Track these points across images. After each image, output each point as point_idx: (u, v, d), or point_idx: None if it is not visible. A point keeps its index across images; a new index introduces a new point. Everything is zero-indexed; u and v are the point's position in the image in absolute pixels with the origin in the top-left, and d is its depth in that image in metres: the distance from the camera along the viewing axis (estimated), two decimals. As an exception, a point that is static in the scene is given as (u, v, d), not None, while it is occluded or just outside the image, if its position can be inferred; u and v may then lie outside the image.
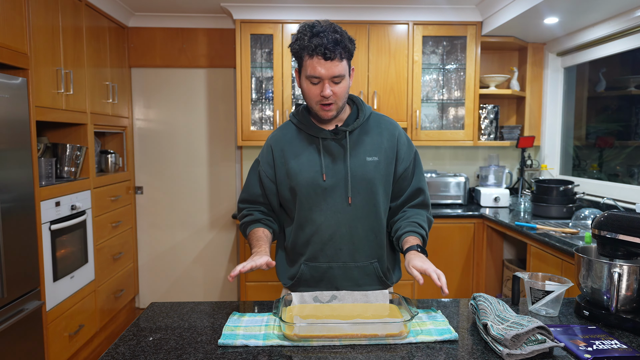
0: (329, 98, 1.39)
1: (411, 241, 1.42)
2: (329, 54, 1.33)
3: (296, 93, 3.50)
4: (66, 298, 2.67)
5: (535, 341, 1.08)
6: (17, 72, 2.30)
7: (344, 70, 1.38)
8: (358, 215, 1.48)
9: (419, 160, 1.57)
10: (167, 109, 3.79)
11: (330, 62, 1.34)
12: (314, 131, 1.48)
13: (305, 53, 1.36)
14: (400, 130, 1.55)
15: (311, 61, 1.36)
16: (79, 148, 2.87)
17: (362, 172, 1.46)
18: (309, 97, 1.42)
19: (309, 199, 1.47)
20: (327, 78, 1.36)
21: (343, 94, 1.41)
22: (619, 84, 3.15)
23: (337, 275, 1.49)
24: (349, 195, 1.46)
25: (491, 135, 3.70)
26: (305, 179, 1.46)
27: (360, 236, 1.48)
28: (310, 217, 1.48)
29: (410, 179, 1.54)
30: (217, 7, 3.42)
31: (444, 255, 3.28)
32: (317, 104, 1.42)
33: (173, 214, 3.85)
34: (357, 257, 1.49)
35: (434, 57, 3.58)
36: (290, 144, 1.50)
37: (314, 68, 1.36)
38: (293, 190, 1.48)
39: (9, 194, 2.14)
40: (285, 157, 1.49)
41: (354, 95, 1.56)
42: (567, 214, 2.95)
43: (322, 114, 1.43)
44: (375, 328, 1.16)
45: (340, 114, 1.49)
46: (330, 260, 1.49)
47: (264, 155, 1.55)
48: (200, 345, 1.15)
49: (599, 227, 1.35)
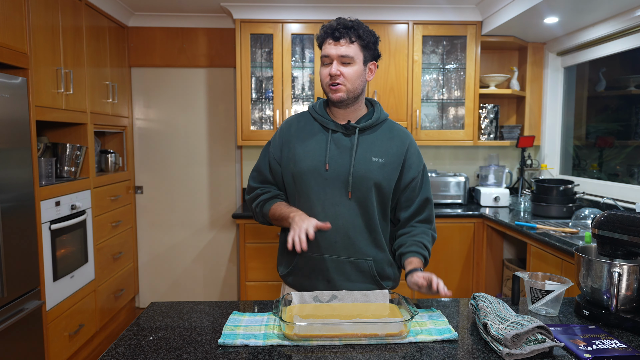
0: (337, 77, 1.45)
1: (415, 263, 1.46)
2: (337, 34, 1.44)
3: (296, 93, 3.50)
4: (66, 298, 2.67)
5: (535, 341, 1.08)
6: (17, 72, 2.30)
7: (353, 53, 1.45)
8: (356, 211, 1.49)
9: (427, 174, 1.59)
10: (167, 109, 3.79)
11: (339, 42, 1.44)
12: (326, 122, 1.53)
13: (322, 38, 1.48)
14: (412, 140, 1.58)
15: (325, 44, 1.48)
16: (79, 148, 2.87)
17: (365, 170, 1.48)
18: (321, 78, 1.50)
19: (309, 187, 1.50)
20: (336, 58, 1.45)
21: (352, 77, 1.46)
22: (619, 83, 3.15)
23: (329, 267, 1.51)
24: (349, 190, 1.48)
25: (491, 135, 3.70)
26: (307, 165, 1.50)
27: (356, 232, 1.50)
28: (308, 206, 1.51)
29: (418, 190, 1.56)
30: (217, 7, 3.42)
31: (444, 255, 3.28)
32: (327, 86, 1.48)
33: (173, 214, 3.85)
34: (351, 252, 1.51)
35: (434, 57, 3.58)
36: (302, 130, 1.56)
37: (325, 48, 1.47)
38: (295, 176, 1.52)
39: (9, 194, 2.14)
40: (292, 141, 1.55)
41: (374, 100, 1.61)
42: (567, 214, 2.95)
43: (332, 94, 1.48)
44: (375, 328, 1.16)
45: (354, 107, 1.53)
46: (324, 252, 1.51)
47: (276, 137, 1.61)
48: (200, 344, 1.15)
49: (598, 227, 1.35)
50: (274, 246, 3.19)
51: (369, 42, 1.47)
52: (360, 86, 1.49)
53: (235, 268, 3.90)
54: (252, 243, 3.20)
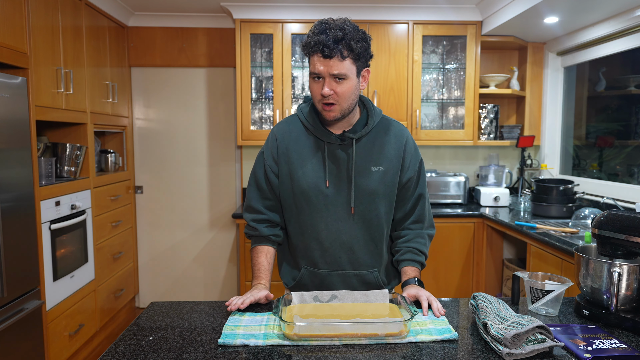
0: (330, 97, 1.34)
1: (409, 273, 1.47)
2: (327, 52, 1.30)
3: (296, 92, 3.50)
4: (66, 297, 2.67)
5: (535, 340, 1.08)
6: (17, 72, 2.30)
7: (346, 69, 1.32)
8: (359, 225, 1.47)
9: (423, 169, 1.55)
10: (167, 109, 3.79)
11: (330, 60, 1.31)
12: (320, 134, 1.44)
13: (308, 51, 1.35)
14: (408, 136, 1.52)
15: (312, 58, 1.34)
16: (78, 147, 2.87)
17: (366, 182, 1.44)
18: (312, 95, 1.40)
19: (311, 205, 1.45)
20: (327, 76, 1.33)
21: (346, 95, 1.35)
22: (619, 83, 3.15)
23: (336, 282, 1.50)
24: (351, 206, 1.44)
25: (491, 134, 3.70)
26: (307, 183, 1.44)
27: (360, 245, 1.48)
28: (310, 223, 1.47)
29: (413, 189, 1.53)
30: (217, 7, 3.42)
31: (444, 255, 3.28)
32: (319, 103, 1.38)
33: (173, 214, 3.85)
34: (356, 265, 1.49)
35: (434, 57, 3.57)
36: (296, 143, 1.47)
37: (314, 65, 1.34)
38: (294, 193, 1.47)
39: (8, 194, 2.14)
40: (289, 157, 1.47)
41: (365, 98, 1.51)
42: (567, 214, 2.95)
43: (324, 114, 1.38)
44: (375, 327, 1.16)
45: (348, 117, 1.43)
46: (329, 268, 1.49)
47: (269, 147, 1.50)
48: (200, 344, 1.15)
49: (598, 227, 1.35)
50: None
51: (361, 52, 1.33)
52: (355, 101, 1.40)
53: (235, 268, 3.90)
54: (252, 243, 3.19)
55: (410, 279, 1.46)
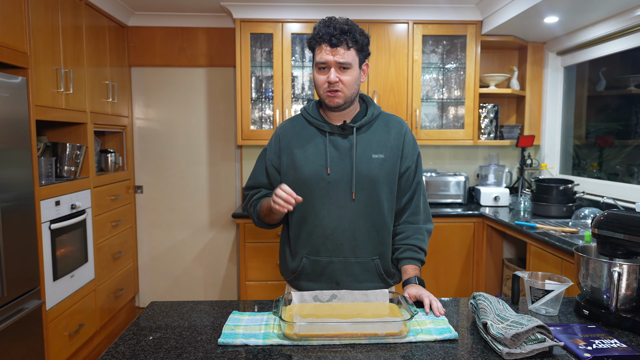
0: (336, 85, 1.43)
1: (409, 272, 1.50)
2: (335, 41, 1.40)
3: (296, 92, 3.50)
4: (66, 297, 2.67)
5: (535, 340, 1.08)
6: (16, 71, 2.30)
7: (351, 59, 1.43)
8: (361, 212, 1.50)
9: (420, 161, 1.61)
10: (167, 108, 3.79)
11: (336, 49, 1.41)
12: (322, 125, 1.52)
13: (315, 42, 1.44)
14: (407, 128, 1.59)
15: (319, 48, 1.44)
16: (78, 147, 2.87)
17: (367, 168, 1.49)
18: (317, 84, 1.47)
19: (313, 192, 1.50)
20: (334, 64, 1.42)
21: (350, 83, 1.45)
22: (619, 83, 3.15)
23: (337, 270, 1.52)
24: (352, 191, 1.48)
25: (491, 134, 3.70)
26: (309, 171, 1.49)
27: (362, 232, 1.51)
28: (313, 211, 1.51)
29: (412, 179, 1.58)
30: (217, 6, 3.42)
31: (443, 255, 3.28)
32: (324, 92, 1.46)
33: (173, 213, 3.85)
34: (358, 252, 1.52)
35: (433, 56, 3.57)
36: (298, 135, 1.55)
37: (321, 54, 1.43)
38: (297, 181, 1.51)
39: (8, 194, 2.14)
40: (291, 148, 1.54)
41: (366, 95, 1.60)
42: (567, 213, 2.95)
43: (329, 100, 1.46)
44: (375, 327, 1.16)
45: (349, 109, 1.52)
46: (331, 255, 1.51)
47: (272, 144, 1.60)
48: (200, 344, 1.15)
49: (598, 227, 1.35)
50: (274, 246, 3.19)
51: (363, 45, 1.46)
52: (357, 90, 1.50)
53: (235, 268, 3.90)
54: (252, 243, 3.20)
55: (411, 278, 1.48)
